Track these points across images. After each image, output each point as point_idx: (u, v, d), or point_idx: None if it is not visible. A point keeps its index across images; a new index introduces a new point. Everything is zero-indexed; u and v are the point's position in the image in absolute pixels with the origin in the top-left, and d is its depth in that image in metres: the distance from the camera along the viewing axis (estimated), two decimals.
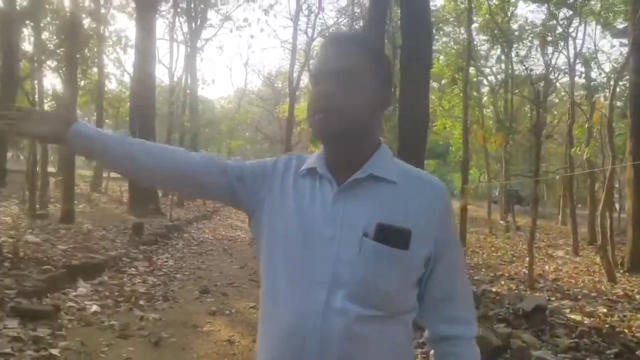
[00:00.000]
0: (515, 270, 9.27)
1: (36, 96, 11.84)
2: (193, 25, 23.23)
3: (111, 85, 25.89)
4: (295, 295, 1.06)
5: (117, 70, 24.98)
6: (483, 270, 9.12)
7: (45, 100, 13.11)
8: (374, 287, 1.04)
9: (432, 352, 1.20)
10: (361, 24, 19.83)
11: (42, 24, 14.07)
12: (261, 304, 1.16)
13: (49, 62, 16.16)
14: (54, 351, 3.65)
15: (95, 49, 20.37)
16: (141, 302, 5.30)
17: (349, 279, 1.03)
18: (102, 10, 20.07)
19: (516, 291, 7.04)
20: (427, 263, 1.10)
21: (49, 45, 16.11)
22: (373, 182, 1.09)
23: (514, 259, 10.93)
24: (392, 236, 1.04)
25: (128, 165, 1.17)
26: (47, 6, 13.61)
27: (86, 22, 19.66)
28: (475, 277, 8.04)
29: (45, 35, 16.21)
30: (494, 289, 7.05)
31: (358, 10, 21.61)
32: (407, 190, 1.10)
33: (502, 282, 7.95)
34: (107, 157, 1.15)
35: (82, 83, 23.55)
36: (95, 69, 21.21)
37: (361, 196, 1.08)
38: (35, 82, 12.41)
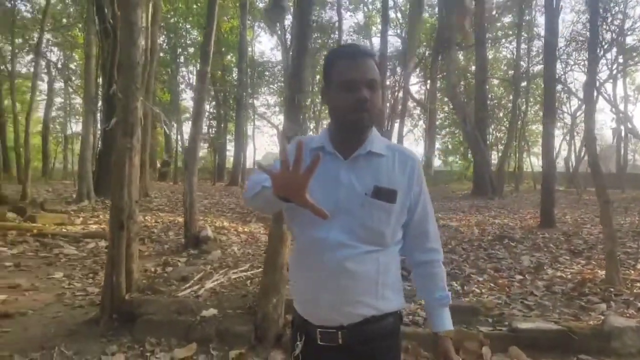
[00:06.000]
0: None
1: None
2: None
3: None
4: (319, 237, 1.44)
5: None
6: None
7: None
8: (372, 229, 1.45)
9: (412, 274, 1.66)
10: None
11: None
12: (294, 253, 1.59)
13: None
14: None
15: None
16: None
17: (356, 225, 1.44)
18: None
19: None
20: (409, 211, 1.54)
21: None
22: (369, 155, 1.49)
23: None
24: (384, 194, 1.45)
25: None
26: None
27: None
28: None
29: None
30: None
31: None
32: (393, 160, 1.51)
33: None
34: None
35: None
36: None
37: (362, 167, 1.48)
38: None
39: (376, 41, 24.70)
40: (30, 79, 16.20)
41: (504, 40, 26.67)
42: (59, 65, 27.93)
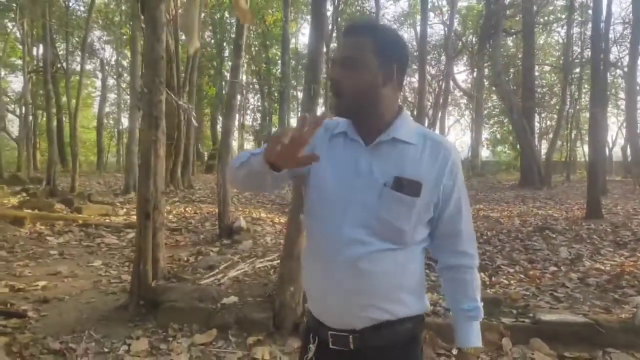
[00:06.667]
0: None
1: None
2: None
3: None
4: (329, 231, 1.33)
5: None
6: None
7: None
8: (389, 224, 1.30)
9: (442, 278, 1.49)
10: None
11: None
12: (305, 247, 1.50)
13: None
14: None
15: None
16: None
17: (372, 218, 1.30)
18: None
19: None
20: (435, 207, 1.36)
21: None
22: (395, 143, 1.33)
23: None
24: (406, 186, 1.29)
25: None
26: None
27: None
28: None
29: None
30: None
31: None
32: (423, 149, 1.33)
33: None
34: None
35: None
36: None
37: (384, 154, 1.33)
38: None
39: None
40: (86, 76, 16.88)
41: (555, 25, 25.70)
42: (112, 62, 29.10)
